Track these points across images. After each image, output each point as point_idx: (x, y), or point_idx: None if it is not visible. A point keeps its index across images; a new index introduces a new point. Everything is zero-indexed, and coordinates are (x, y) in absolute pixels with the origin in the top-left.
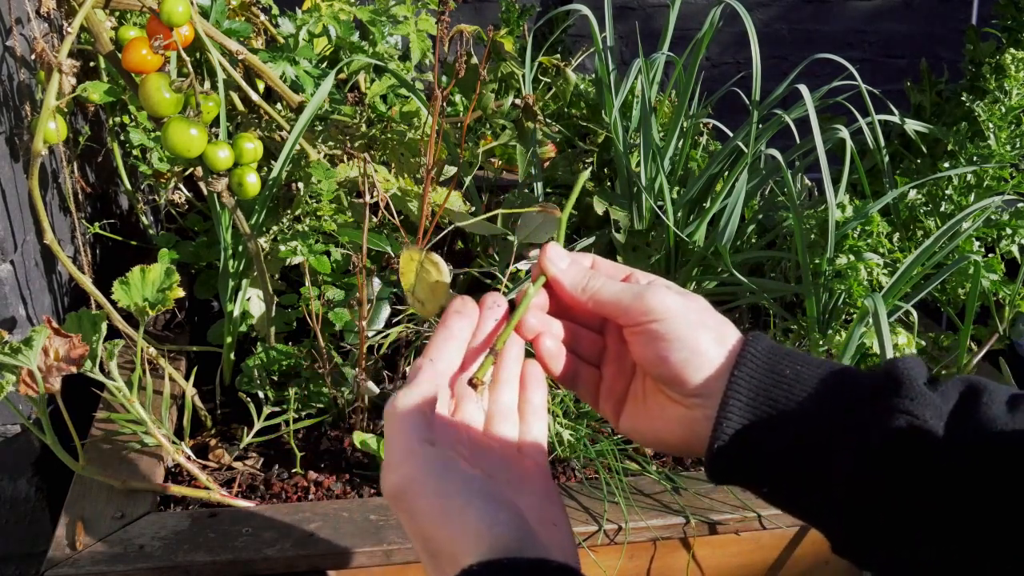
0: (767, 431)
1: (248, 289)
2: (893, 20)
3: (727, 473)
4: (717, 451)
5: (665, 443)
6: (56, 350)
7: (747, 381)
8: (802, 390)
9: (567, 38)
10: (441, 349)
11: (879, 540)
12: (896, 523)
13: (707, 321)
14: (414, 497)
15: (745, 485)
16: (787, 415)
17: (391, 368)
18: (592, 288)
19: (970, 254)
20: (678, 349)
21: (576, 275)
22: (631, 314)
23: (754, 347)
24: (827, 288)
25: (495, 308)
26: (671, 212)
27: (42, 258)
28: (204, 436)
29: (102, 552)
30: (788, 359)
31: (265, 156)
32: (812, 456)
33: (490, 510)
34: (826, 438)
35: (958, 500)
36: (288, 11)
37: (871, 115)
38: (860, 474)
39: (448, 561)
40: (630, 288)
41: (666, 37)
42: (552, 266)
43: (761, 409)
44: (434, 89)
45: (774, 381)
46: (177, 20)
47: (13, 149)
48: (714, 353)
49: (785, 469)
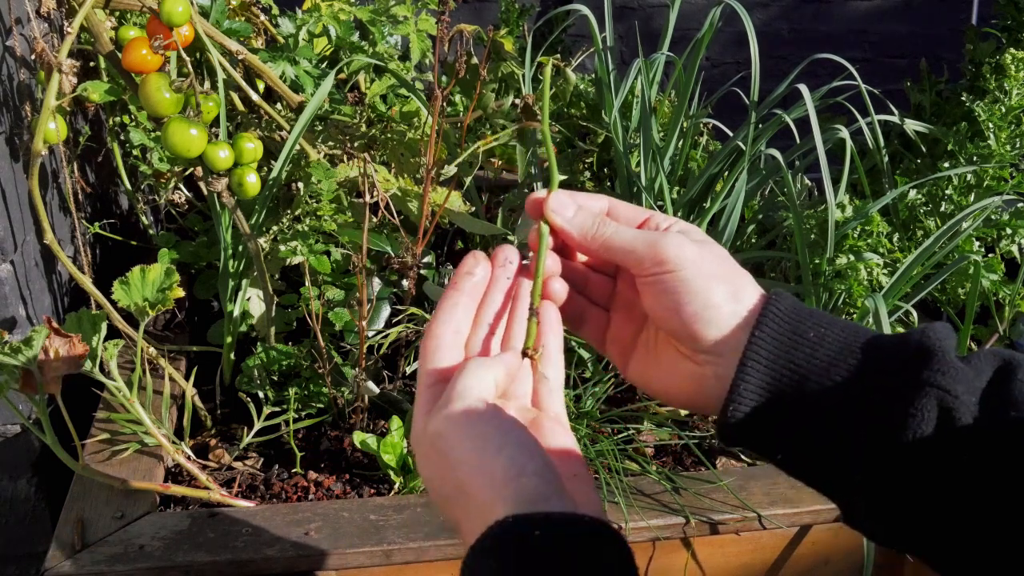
0: (786, 396)
1: (248, 289)
2: (893, 20)
3: (740, 436)
4: (732, 413)
5: (673, 397)
6: (56, 350)
7: (768, 341)
8: (825, 354)
9: (567, 38)
10: (451, 312)
11: (896, 517)
12: (917, 502)
13: (724, 273)
14: (456, 440)
15: (757, 450)
16: (808, 381)
17: (391, 368)
18: (603, 235)
19: (970, 254)
20: (690, 302)
21: (584, 222)
22: (644, 263)
23: (777, 306)
24: (827, 288)
25: (507, 266)
26: (671, 212)
27: (42, 258)
28: (204, 436)
29: (102, 552)
30: (812, 320)
31: (265, 156)
32: (832, 427)
33: (521, 458)
34: (849, 409)
35: (987, 483)
36: (288, 11)
37: (871, 115)
38: (883, 450)
39: (480, 506)
40: (643, 236)
41: (666, 37)
42: (557, 216)
43: (781, 372)
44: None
45: (795, 343)
46: (177, 20)
47: (13, 149)
48: (728, 309)
49: (802, 438)
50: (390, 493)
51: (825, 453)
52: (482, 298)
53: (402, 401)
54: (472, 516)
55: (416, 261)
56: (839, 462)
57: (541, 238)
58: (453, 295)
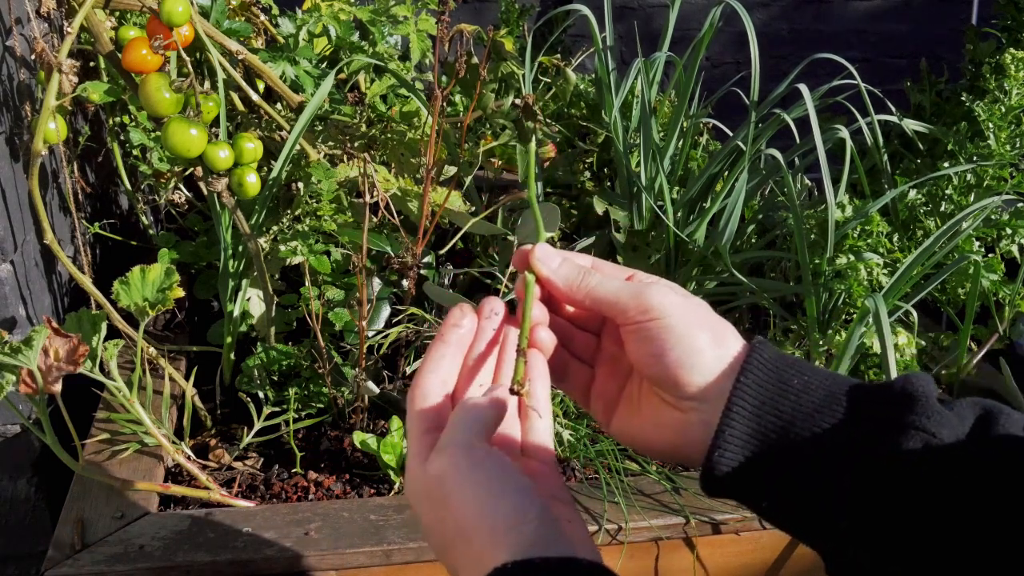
0: (771, 443)
1: (248, 289)
2: (893, 20)
3: (725, 484)
4: (717, 458)
5: (656, 449)
6: (56, 350)
7: (753, 388)
8: (810, 401)
9: (567, 38)
10: (438, 362)
11: (882, 563)
12: (906, 544)
13: (707, 322)
14: (456, 484)
15: (742, 498)
16: (793, 427)
17: (391, 368)
18: (588, 285)
19: (970, 254)
20: (673, 347)
21: (569, 273)
22: (629, 312)
23: (760, 353)
24: (827, 288)
25: (492, 317)
26: (671, 212)
27: (42, 258)
28: (204, 436)
29: (102, 552)
30: (795, 368)
31: (265, 156)
32: (818, 473)
33: (523, 504)
34: (835, 454)
35: (979, 521)
36: (288, 11)
37: (871, 115)
38: (870, 493)
39: (480, 552)
40: (629, 285)
41: (666, 37)
42: (543, 266)
43: (766, 419)
44: (434, 89)
45: (781, 390)
46: (177, 20)
47: (13, 149)
48: (712, 355)
49: (787, 484)
50: (390, 493)
51: (810, 500)
52: (468, 349)
53: (402, 401)
54: (472, 562)
55: (416, 261)
56: (825, 508)
57: (528, 287)
58: (440, 347)
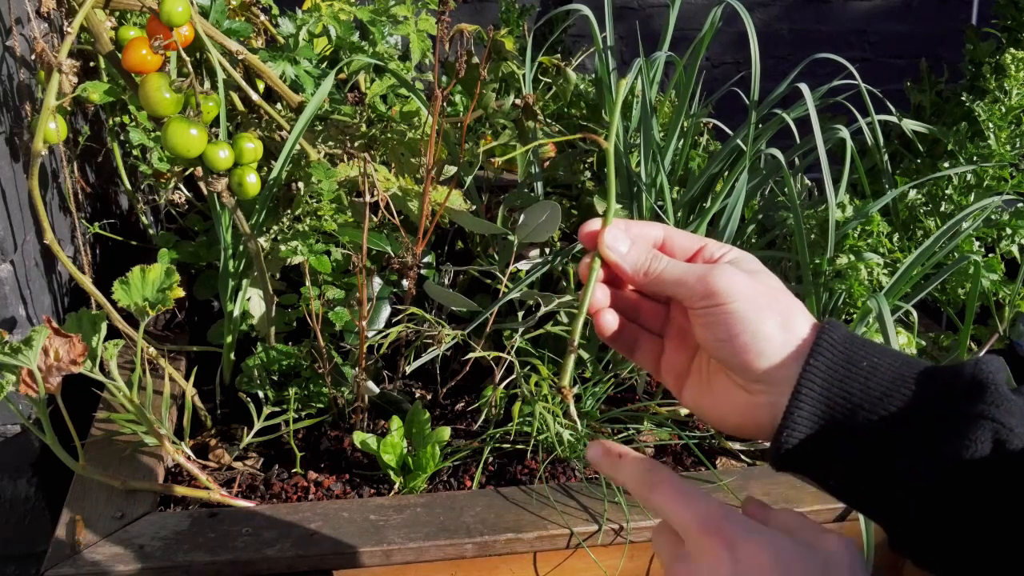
0: (839, 425)
1: (248, 289)
2: (893, 20)
3: (792, 463)
4: (785, 440)
5: (726, 423)
6: (56, 350)
7: (822, 370)
8: (878, 384)
9: (567, 38)
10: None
11: (949, 547)
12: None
13: (775, 304)
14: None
15: (809, 476)
16: (861, 410)
17: (391, 368)
18: (654, 270)
19: (970, 254)
20: (741, 333)
21: (637, 258)
22: (694, 297)
23: (831, 335)
24: (827, 288)
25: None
26: (671, 212)
27: (42, 258)
28: (204, 436)
29: (102, 552)
30: (865, 349)
31: (265, 156)
32: (886, 456)
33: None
34: (903, 439)
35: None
36: (288, 11)
37: (871, 115)
38: (937, 482)
39: None
40: (694, 269)
41: (666, 37)
42: (612, 252)
43: (835, 401)
44: (434, 89)
45: (849, 372)
46: (177, 20)
47: (13, 149)
48: (780, 339)
49: (855, 466)
50: (390, 493)
51: (878, 483)
52: None
53: (402, 401)
54: None
55: (416, 261)
56: (892, 492)
57: (592, 271)
58: None
